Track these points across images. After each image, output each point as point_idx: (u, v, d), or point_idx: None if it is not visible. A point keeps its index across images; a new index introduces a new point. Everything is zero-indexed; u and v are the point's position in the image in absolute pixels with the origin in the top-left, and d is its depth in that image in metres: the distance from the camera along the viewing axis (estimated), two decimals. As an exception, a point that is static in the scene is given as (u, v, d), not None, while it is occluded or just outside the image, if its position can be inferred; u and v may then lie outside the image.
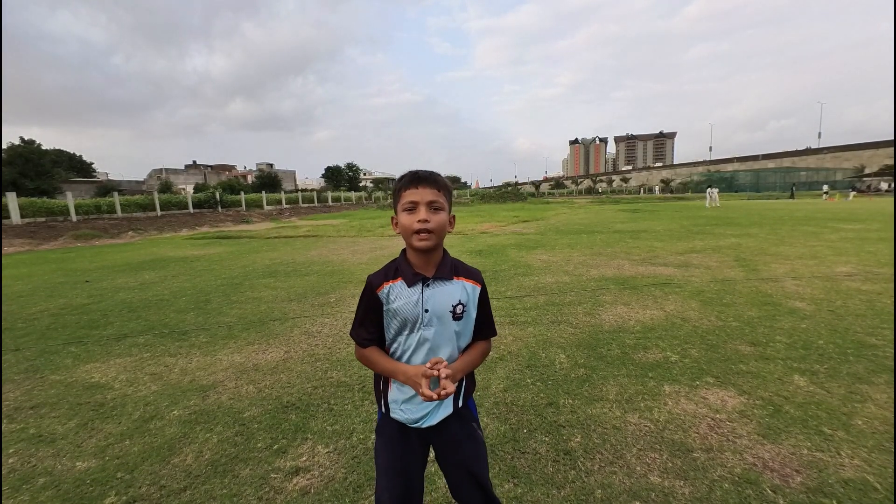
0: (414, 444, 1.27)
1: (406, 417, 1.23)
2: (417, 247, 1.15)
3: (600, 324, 4.11)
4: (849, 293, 4.92)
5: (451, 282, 1.22)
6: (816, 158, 69.20)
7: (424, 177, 1.17)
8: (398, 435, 1.26)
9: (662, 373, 3.02)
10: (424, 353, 1.19)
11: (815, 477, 1.95)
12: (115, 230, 19.01)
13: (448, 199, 1.20)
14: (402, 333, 1.21)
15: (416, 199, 1.15)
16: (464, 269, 1.26)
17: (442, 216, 1.17)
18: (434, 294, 1.19)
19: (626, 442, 2.23)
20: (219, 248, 11.77)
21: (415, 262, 1.21)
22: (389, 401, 1.26)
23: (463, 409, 1.28)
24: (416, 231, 1.14)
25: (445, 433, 1.26)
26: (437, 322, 1.19)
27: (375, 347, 1.25)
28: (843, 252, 7.72)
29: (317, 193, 44.89)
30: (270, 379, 3.13)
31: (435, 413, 1.23)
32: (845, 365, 3.07)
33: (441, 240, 1.19)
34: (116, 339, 4.15)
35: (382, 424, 1.30)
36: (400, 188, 1.19)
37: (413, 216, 1.14)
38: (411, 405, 1.22)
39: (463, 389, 1.28)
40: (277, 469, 2.08)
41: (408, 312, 1.18)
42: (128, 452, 2.26)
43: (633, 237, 10.81)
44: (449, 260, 1.25)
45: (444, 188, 1.19)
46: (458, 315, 1.21)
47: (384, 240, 12.22)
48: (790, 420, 2.40)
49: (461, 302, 1.21)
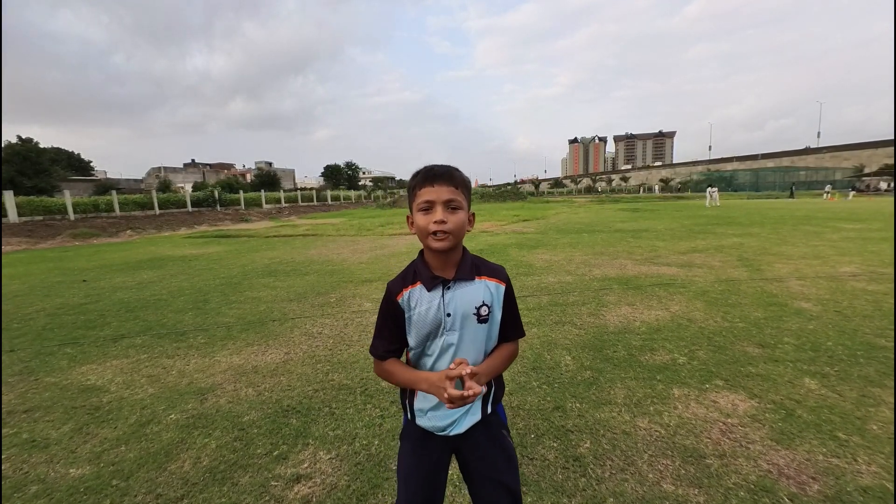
0: (438, 452, 1.21)
1: (432, 425, 1.17)
2: (435, 248, 1.09)
3: (605, 325, 4.05)
4: (855, 293, 4.87)
5: (472, 282, 1.14)
6: (816, 158, 69.20)
7: (440, 173, 1.09)
8: (422, 441, 1.21)
9: (670, 375, 2.96)
10: (448, 360, 1.13)
11: (832, 485, 1.89)
12: (114, 229, 18.91)
13: (467, 197, 1.13)
14: (426, 340, 1.15)
15: (431, 198, 1.07)
16: (486, 268, 1.18)
17: (460, 216, 1.09)
18: (455, 296, 1.12)
19: (636, 448, 2.17)
20: (217, 247, 11.69)
21: (433, 264, 1.14)
22: (415, 409, 1.20)
23: (492, 416, 1.22)
24: (433, 232, 1.07)
25: (473, 441, 1.19)
26: (460, 326, 1.12)
27: (395, 359, 1.19)
28: (846, 252, 7.67)
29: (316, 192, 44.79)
30: (270, 381, 3.06)
31: (462, 420, 1.16)
32: (856, 367, 3.01)
33: (459, 240, 1.12)
34: (113, 340, 4.08)
35: (407, 429, 1.25)
36: (414, 186, 1.12)
37: (429, 216, 1.07)
38: (438, 412, 1.16)
39: (492, 395, 1.21)
40: (278, 476, 2.02)
41: (429, 318, 1.12)
42: (123, 459, 2.19)
43: (634, 236, 10.75)
44: (469, 259, 1.17)
45: (463, 185, 1.11)
46: (483, 317, 1.13)
47: (384, 239, 12.15)
48: (803, 425, 2.34)
49: (485, 303, 1.14)
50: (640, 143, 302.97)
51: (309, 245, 11.29)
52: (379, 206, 37.50)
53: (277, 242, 12.37)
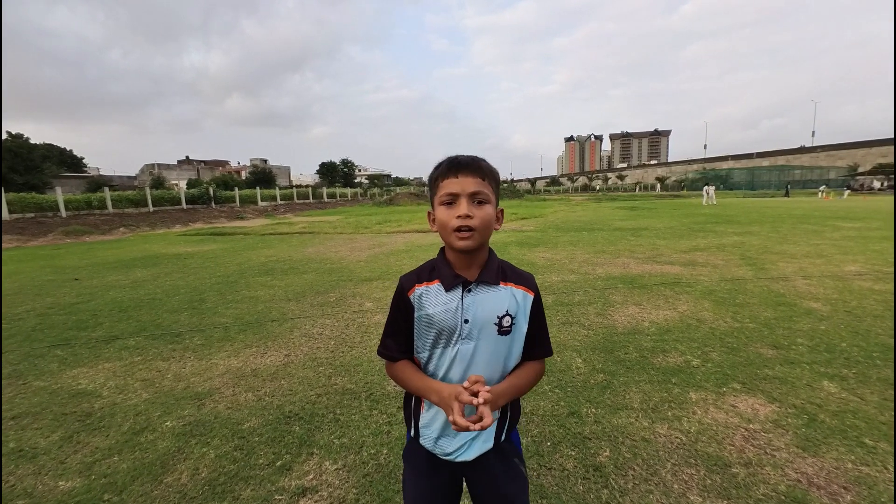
0: (444, 479, 1.08)
1: (437, 448, 1.04)
2: (458, 247, 0.96)
3: (614, 325, 3.96)
4: (863, 293, 4.81)
5: (497, 288, 1.02)
6: (810, 157, 69.60)
7: (466, 163, 0.97)
8: (426, 466, 1.07)
9: (686, 378, 2.87)
10: (461, 373, 1.00)
11: (865, 495, 1.80)
12: (106, 226, 18.62)
13: (495, 190, 1.00)
14: (437, 347, 1.02)
15: (455, 190, 0.95)
16: (513, 274, 1.06)
17: (487, 210, 0.97)
18: (476, 301, 1.00)
19: (658, 456, 2.08)
20: (213, 245, 11.50)
21: (455, 263, 1.02)
22: (420, 425, 1.07)
23: (505, 443, 1.08)
24: (457, 228, 0.95)
25: (481, 469, 1.06)
26: (478, 335, 0.99)
27: (407, 361, 1.06)
28: (848, 251, 7.63)
29: (311, 189, 44.44)
30: (270, 385, 2.94)
31: (472, 446, 1.03)
32: (874, 370, 2.94)
33: (486, 239, 0.99)
34: (106, 342, 3.93)
35: (410, 450, 1.12)
36: (437, 177, 1.00)
37: (452, 210, 0.95)
38: (446, 435, 1.04)
39: (507, 421, 1.08)
40: (282, 489, 1.90)
41: (444, 321, 0.99)
42: (116, 470, 2.07)
43: (634, 235, 10.68)
44: (496, 262, 1.05)
45: (490, 176, 0.99)
46: (506, 329, 1.00)
47: (382, 237, 12.01)
48: (828, 430, 2.26)
49: (509, 313, 1.00)
50: (635, 142, 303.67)
51: (306, 243, 11.13)
52: (375, 203, 37.27)
53: (274, 240, 12.19)
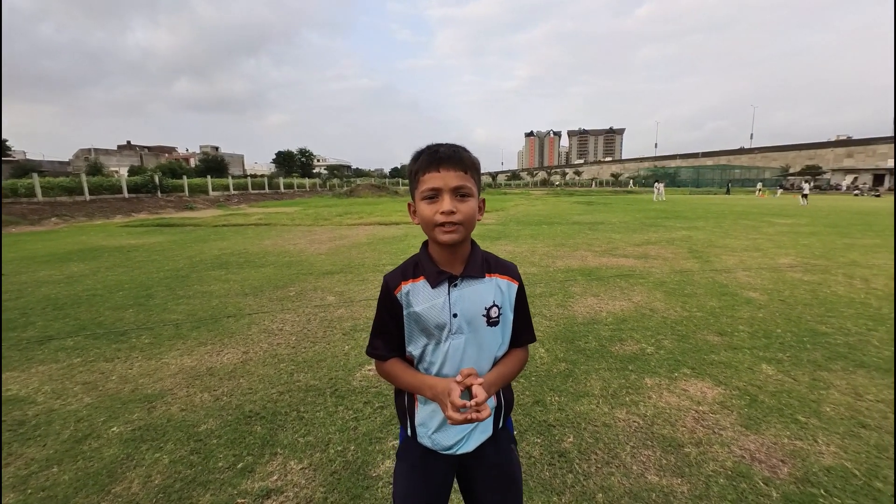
0: (440, 473, 1.08)
1: (437, 444, 1.04)
2: (443, 241, 0.95)
3: (574, 315, 4.09)
4: (794, 283, 5.25)
5: (482, 280, 1.02)
6: (749, 157, 75.03)
7: (447, 156, 0.94)
8: (422, 461, 1.07)
9: (641, 365, 3.02)
10: (454, 367, 1.00)
11: (799, 466, 1.98)
12: (36, 216, 16.99)
13: (477, 182, 0.99)
14: (429, 343, 1.01)
15: (437, 185, 0.93)
16: (497, 264, 1.06)
17: (470, 204, 0.95)
18: (463, 295, 1.00)
19: (618, 440, 2.18)
20: (160, 237, 10.80)
21: (439, 259, 1.01)
22: (417, 425, 1.06)
23: (502, 430, 1.10)
24: (440, 224, 0.94)
25: (480, 458, 1.07)
26: (467, 329, 1.00)
27: (397, 359, 1.05)
28: (781, 245, 8.31)
29: (267, 179, 42.64)
30: (228, 385, 2.81)
31: (471, 438, 1.04)
32: (804, 353, 3.22)
33: (469, 232, 0.99)
34: (39, 343, 3.60)
35: (405, 448, 1.11)
36: (417, 171, 0.97)
37: (435, 206, 0.94)
38: (444, 430, 1.03)
39: (503, 408, 1.10)
40: (244, 492, 1.82)
41: (432, 318, 0.99)
42: (56, 482, 1.90)
43: (591, 229, 11.09)
44: (480, 254, 1.04)
45: (472, 168, 0.97)
46: (494, 319, 1.02)
47: (343, 229, 11.75)
48: (766, 409, 2.46)
49: (495, 304, 1.02)
50: (592, 139, 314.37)
51: (262, 235, 10.70)
52: (335, 195, 36.36)
53: (227, 232, 11.62)
